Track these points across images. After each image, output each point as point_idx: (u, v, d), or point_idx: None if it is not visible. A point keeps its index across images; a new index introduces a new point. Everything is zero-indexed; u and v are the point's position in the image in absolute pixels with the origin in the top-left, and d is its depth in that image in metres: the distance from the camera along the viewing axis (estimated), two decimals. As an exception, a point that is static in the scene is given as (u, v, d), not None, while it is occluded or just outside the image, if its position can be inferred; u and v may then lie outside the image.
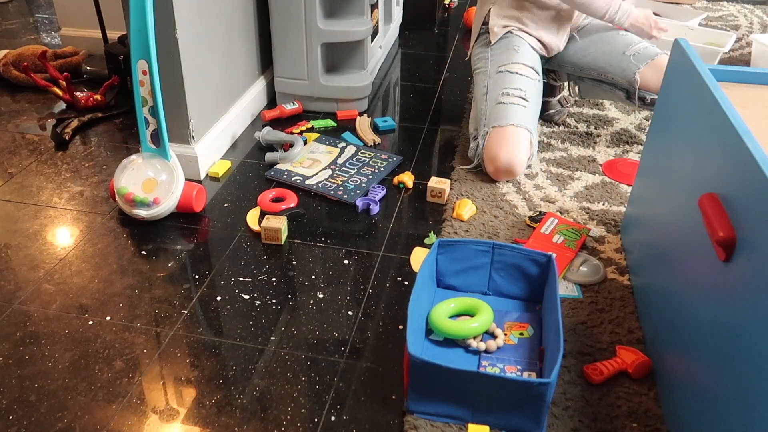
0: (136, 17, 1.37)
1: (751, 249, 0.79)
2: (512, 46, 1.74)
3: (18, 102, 2.09)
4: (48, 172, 1.71)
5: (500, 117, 1.63)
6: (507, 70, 1.70)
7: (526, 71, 1.70)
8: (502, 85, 1.68)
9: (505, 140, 1.60)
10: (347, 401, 1.08)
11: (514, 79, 1.68)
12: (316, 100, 2.03)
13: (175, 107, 1.58)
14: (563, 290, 1.31)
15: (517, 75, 1.69)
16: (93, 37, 2.39)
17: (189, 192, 1.50)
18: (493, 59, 1.75)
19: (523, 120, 1.62)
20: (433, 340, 1.18)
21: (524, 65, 1.71)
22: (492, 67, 1.74)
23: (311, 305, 1.28)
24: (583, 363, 1.14)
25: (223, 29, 1.73)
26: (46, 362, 1.14)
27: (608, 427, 1.03)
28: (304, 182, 1.65)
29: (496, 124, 1.63)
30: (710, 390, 0.87)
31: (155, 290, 1.31)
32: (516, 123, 1.61)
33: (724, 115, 0.92)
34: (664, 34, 1.82)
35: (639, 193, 1.36)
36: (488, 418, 1.02)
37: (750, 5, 3.17)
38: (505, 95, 1.66)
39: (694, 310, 0.96)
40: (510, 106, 1.64)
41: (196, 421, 1.05)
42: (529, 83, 1.69)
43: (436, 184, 1.60)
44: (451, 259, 1.28)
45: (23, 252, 1.42)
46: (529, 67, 1.72)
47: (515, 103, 1.64)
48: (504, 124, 1.61)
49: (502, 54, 1.74)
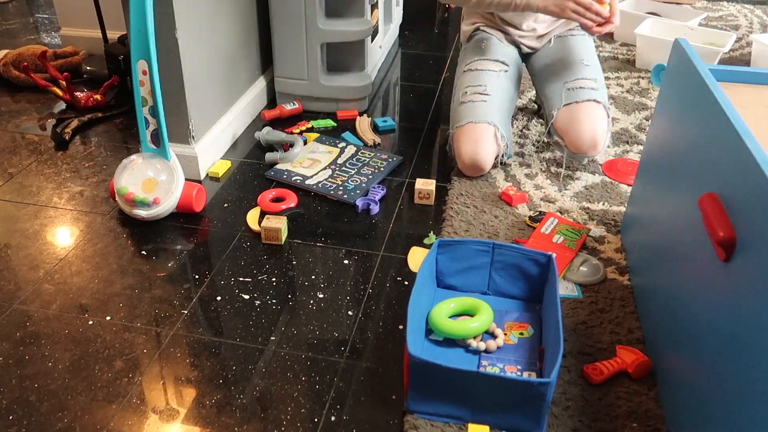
0: (136, 17, 1.37)
1: (751, 249, 0.79)
2: (480, 43, 1.75)
3: (18, 102, 2.09)
4: (48, 172, 1.71)
5: (461, 117, 1.64)
6: (470, 69, 1.72)
7: (490, 65, 1.70)
8: (464, 84, 1.70)
9: (466, 138, 1.61)
10: (347, 401, 1.08)
11: (476, 76, 1.69)
12: (316, 100, 2.03)
13: (175, 107, 1.58)
14: (563, 290, 1.31)
15: (479, 71, 1.70)
16: (93, 37, 2.39)
17: (189, 192, 1.50)
18: (462, 60, 1.78)
19: (482, 115, 1.61)
20: (433, 340, 1.18)
21: (488, 60, 1.71)
22: (460, 68, 1.77)
23: (311, 305, 1.28)
24: (583, 363, 1.14)
25: (223, 29, 1.73)
26: (46, 362, 1.14)
27: (608, 427, 1.03)
28: (304, 182, 1.65)
29: (458, 124, 1.64)
30: (710, 390, 0.87)
31: (155, 290, 1.31)
32: (475, 119, 1.61)
33: (724, 115, 0.92)
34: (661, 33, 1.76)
35: (639, 193, 1.36)
36: (488, 418, 1.02)
37: (750, 5, 3.17)
38: (465, 94, 1.67)
39: (694, 310, 0.96)
40: (469, 105, 1.64)
41: (196, 421, 1.05)
42: (491, 76, 1.68)
43: (423, 185, 1.59)
44: (451, 259, 1.28)
45: (23, 252, 1.42)
46: (494, 60, 1.71)
47: (473, 101, 1.64)
48: (464, 123, 1.62)
49: (470, 53, 1.76)
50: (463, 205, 1.57)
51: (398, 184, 1.68)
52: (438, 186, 1.65)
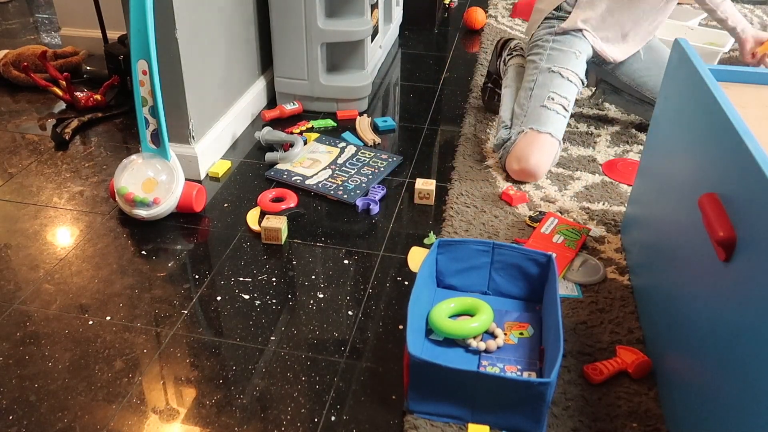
0: (136, 17, 1.37)
1: (751, 249, 0.79)
2: (575, 49, 1.71)
3: (18, 102, 2.09)
4: (48, 172, 1.71)
5: (541, 121, 1.63)
6: (560, 73, 1.68)
7: (576, 80, 1.70)
8: (550, 87, 1.67)
9: (539, 146, 1.61)
10: (347, 401, 1.08)
11: (563, 85, 1.67)
12: (316, 100, 2.03)
13: (175, 107, 1.58)
14: (563, 290, 1.31)
15: (567, 81, 1.68)
16: (93, 37, 2.39)
17: (189, 192, 1.50)
18: (550, 54, 1.71)
19: (559, 130, 1.64)
20: (433, 340, 1.18)
21: (576, 74, 1.70)
22: (546, 63, 1.71)
23: (311, 305, 1.28)
24: (583, 363, 1.14)
25: (223, 29, 1.73)
26: (46, 362, 1.14)
27: (608, 427, 1.03)
28: (304, 182, 1.65)
29: (534, 127, 1.63)
30: (710, 390, 0.87)
31: (155, 290, 1.31)
32: (553, 132, 1.62)
33: (724, 115, 0.92)
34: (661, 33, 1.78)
35: (639, 193, 1.36)
36: (488, 418, 1.02)
37: (750, 5, 3.17)
38: (550, 100, 1.65)
39: (694, 310, 0.96)
40: (552, 113, 1.64)
41: (196, 421, 1.05)
42: (574, 93, 1.69)
43: (423, 185, 1.59)
44: (451, 259, 1.28)
45: (23, 252, 1.42)
46: (579, 77, 1.71)
47: (557, 111, 1.64)
48: (543, 131, 1.62)
49: (561, 54, 1.71)
50: (463, 205, 1.57)
51: (398, 184, 1.68)
52: (438, 186, 1.65)
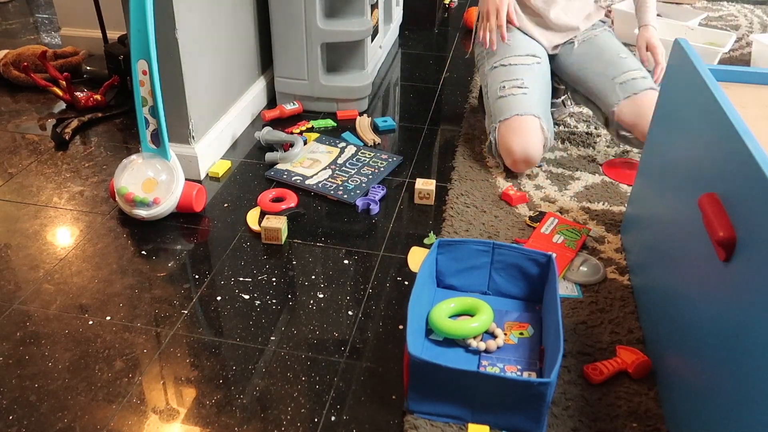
0: (136, 17, 1.37)
1: (751, 249, 0.79)
2: (506, 42, 1.74)
3: (18, 102, 2.09)
4: (48, 172, 1.71)
5: (503, 111, 1.64)
6: (500, 65, 1.71)
7: (521, 60, 1.70)
8: (498, 79, 1.69)
9: (514, 131, 1.61)
10: (347, 401, 1.08)
11: (509, 71, 1.69)
12: (316, 100, 2.03)
13: (175, 107, 1.58)
14: (563, 290, 1.31)
15: (511, 66, 1.70)
16: (93, 37, 2.39)
17: (189, 192, 1.50)
18: (488, 57, 1.77)
19: (526, 107, 1.62)
20: (433, 340, 1.18)
21: (516, 56, 1.71)
22: (488, 65, 1.76)
23: (311, 305, 1.28)
24: (583, 363, 1.14)
25: (223, 29, 1.73)
26: (46, 362, 1.14)
27: (608, 427, 1.03)
28: (304, 182, 1.65)
29: (501, 119, 1.64)
30: (710, 390, 0.87)
31: (155, 290, 1.31)
32: (519, 112, 1.61)
33: (724, 115, 0.92)
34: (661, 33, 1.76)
35: (639, 193, 1.36)
36: (488, 417, 1.02)
37: (750, 5, 3.17)
38: (502, 89, 1.67)
39: (694, 310, 0.96)
40: (509, 98, 1.64)
41: (196, 421, 1.05)
42: (525, 70, 1.69)
43: (423, 185, 1.59)
44: (451, 259, 1.28)
45: (23, 252, 1.42)
46: (524, 55, 1.71)
47: (513, 94, 1.64)
48: (508, 116, 1.62)
49: (495, 52, 1.75)
50: (463, 205, 1.57)
51: (398, 184, 1.68)
52: (438, 186, 1.65)
